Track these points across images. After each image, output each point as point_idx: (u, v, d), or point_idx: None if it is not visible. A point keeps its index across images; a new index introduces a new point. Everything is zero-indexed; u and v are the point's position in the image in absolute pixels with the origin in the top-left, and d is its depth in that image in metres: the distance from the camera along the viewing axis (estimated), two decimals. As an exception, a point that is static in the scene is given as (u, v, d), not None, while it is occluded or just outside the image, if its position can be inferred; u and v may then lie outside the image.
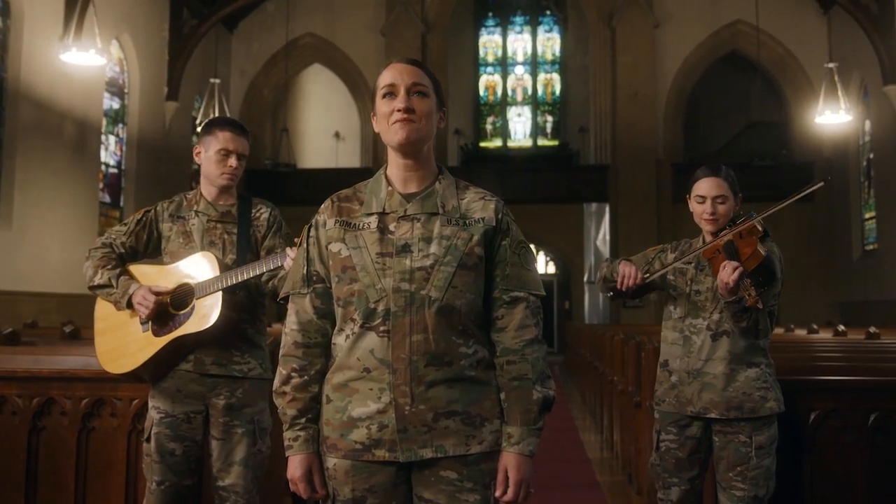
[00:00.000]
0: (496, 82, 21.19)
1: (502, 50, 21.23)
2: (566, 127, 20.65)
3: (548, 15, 21.13)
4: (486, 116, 21.15)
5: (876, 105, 14.93)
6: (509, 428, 1.80)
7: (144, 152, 14.20)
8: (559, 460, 6.26)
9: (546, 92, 21.06)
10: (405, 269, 1.78)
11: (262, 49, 17.92)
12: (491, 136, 21.03)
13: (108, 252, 2.97)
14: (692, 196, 2.82)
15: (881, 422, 2.98)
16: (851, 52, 15.10)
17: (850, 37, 15.13)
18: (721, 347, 2.70)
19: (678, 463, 2.76)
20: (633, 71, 17.22)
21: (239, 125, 3.01)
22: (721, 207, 2.75)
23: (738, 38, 17.58)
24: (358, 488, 1.80)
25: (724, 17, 17.31)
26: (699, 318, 2.76)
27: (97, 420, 3.31)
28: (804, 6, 17.21)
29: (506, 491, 1.79)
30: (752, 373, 2.69)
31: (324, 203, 1.93)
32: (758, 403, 2.66)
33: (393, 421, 1.76)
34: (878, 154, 15.59)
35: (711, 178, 2.77)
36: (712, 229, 2.77)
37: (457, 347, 1.79)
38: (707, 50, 17.65)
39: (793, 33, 17.21)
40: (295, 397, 1.85)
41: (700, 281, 2.79)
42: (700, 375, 2.71)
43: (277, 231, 3.02)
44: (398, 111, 1.82)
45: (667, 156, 17.45)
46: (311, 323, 1.88)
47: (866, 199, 16.39)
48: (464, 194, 1.90)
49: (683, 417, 2.76)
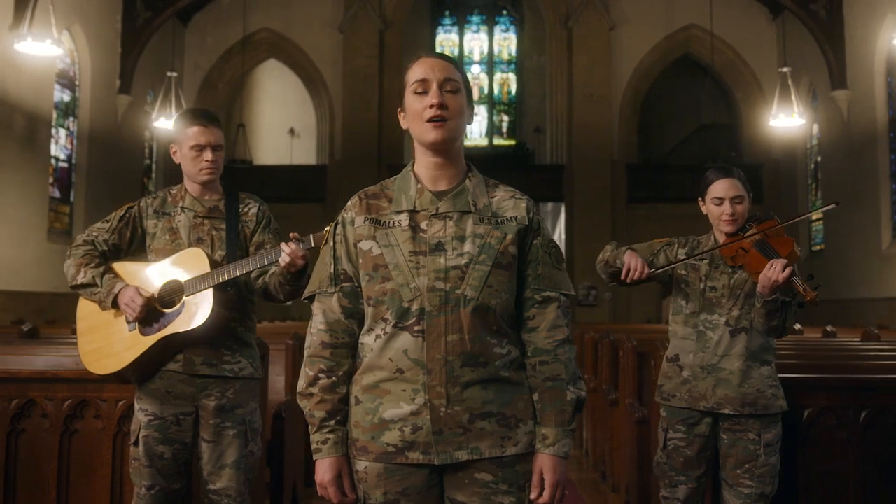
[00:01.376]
0: (453, 81, 21.18)
1: (459, 49, 21.23)
2: (522, 127, 20.75)
3: (504, 15, 21.20)
4: (443, 115, 21.13)
5: (824, 109, 15.33)
6: (544, 429, 1.78)
7: (96, 146, 13.84)
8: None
9: (502, 91, 21.13)
10: (440, 268, 1.75)
11: (216, 43, 17.62)
12: (447, 135, 21.01)
13: (90, 250, 2.87)
14: (707, 199, 2.84)
15: (871, 419, 3.05)
16: (800, 57, 15.47)
17: (800, 42, 15.50)
18: (739, 344, 2.73)
19: (686, 461, 2.78)
20: (590, 72, 17.38)
21: (207, 115, 2.91)
22: (739, 207, 2.78)
23: (692, 42, 17.87)
24: (390, 492, 1.76)
25: (678, 21, 17.58)
26: (715, 313, 2.78)
27: (80, 422, 3.21)
28: (755, 12, 17.58)
29: (541, 493, 1.77)
30: (766, 370, 2.73)
31: (350, 200, 1.89)
32: (770, 401, 2.70)
33: (428, 423, 1.72)
34: (825, 157, 16.02)
35: (727, 179, 2.80)
36: (732, 230, 2.79)
37: (491, 348, 1.76)
38: (661, 53, 17.91)
39: (743, 38, 17.56)
40: (323, 399, 1.80)
41: (715, 277, 2.81)
42: (715, 371, 2.73)
43: (267, 226, 2.95)
44: (431, 107, 1.78)
45: (622, 156, 17.65)
46: (338, 323, 1.83)
47: (813, 200, 16.82)
48: (494, 192, 1.87)
49: (692, 415, 2.77)
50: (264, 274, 2.85)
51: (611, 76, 17.49)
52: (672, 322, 2.90)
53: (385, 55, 17.62)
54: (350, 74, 17.46)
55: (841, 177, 14.80)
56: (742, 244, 2.74)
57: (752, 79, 17.78)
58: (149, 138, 16.26)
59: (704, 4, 16.38)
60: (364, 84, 17.37)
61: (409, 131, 1.90)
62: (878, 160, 13.58)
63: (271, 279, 2.82)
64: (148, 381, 2.77)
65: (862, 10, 13.99)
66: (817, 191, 16.64)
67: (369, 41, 17.43)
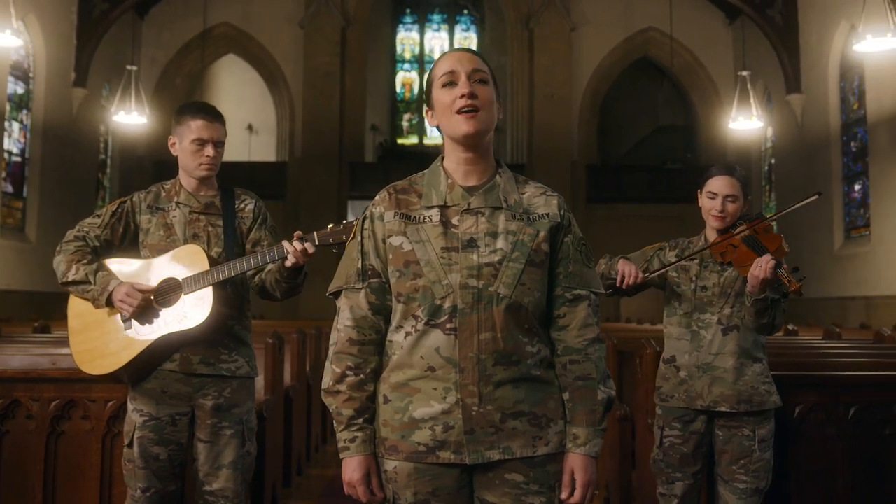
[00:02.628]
0: (413, 79, 21.17)
1: (419, 47, 21.22)
2: (482, 126, 20.81)
3: (465, 14, 21.25)
4: (403, 113, 21.11)
5: (778, 112, 15.68)
6: (575, 429, 1.76)
7: (50, 140, 13.48)
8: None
9: (463, 91, 21.17)
10: (472, 265, 1.73)
11: (174, 37, 17.32)
12: (407, 133, 20.99)
13: (81, 246, 2.79)
14: (703, 191, 2.88)
15: (860, 415, 3.12)
16: (756, 61, 15.79)
17: (755, 47, 15.83)
18: (731, 342, 2.77)
19: (683, 458, 2.82)
20: (550, 73, 17.51)
21: (212, 110, 2.85)
22: (731, 206, 2.82)
23: (650, 45, 18.14)
24: (421, 492, 1.73)
25: (638, 24, 17.82)
26: (707, 313, 2.82)
27: (67, 423, 3.13)
28: (712, 16, 17.90)
29: (572, 493, 1.75)
30: (758, 367, 2.79)
31: (378, 195, 1.86)
32: (764, 397, 2.76)
33: (459, 422, 1.70)
34: (779, 159, 16.39)
35: (725, 176, 2.84)
36: (719, 226, 2.84)
37: (523, 346, 1.74)
38: (621, 55, 18.13)
39: (700, 41, 17.87)
40: (351, 396, 1.77)
41: (705, 277, 2.86)
42: (710, 369, 2.77)
43: (263, 223, 2.90)
44: (462, 97, 1.75)
45: (581, 157, 17.83)
46: (365, 319, 1.80)
47: (767, 202, 17.20)
48: (524, 188, 1.85)
49: (687, 413, 2.81)
50: (260, 271, 2.81)
51: (571, 77, 17.65)
52: (667, 324, 2.94)
53: (347, 52, 17.51)
54: (311, 71, 17.33)
55: (794, 179, 15.16)
56: (732, 241, 2.79)
57: (708, 81, 18.11)
58: (104, 133, 15.90)
59: (663, 8, 16.64)
60: (325, 81, 17.25)
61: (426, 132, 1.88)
62: (831, 163, 13.93)
63: (268, 276, 2.78)
64: (143, 381, 2.71)
65: (817, 16, 14.33)
66: (771, 192, 17.03)
67: (331, 38, 17.32)
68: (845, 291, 13.05)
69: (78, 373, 3.13)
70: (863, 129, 13.31)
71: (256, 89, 18.71)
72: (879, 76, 12.31)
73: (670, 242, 3.04)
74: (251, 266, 2.69)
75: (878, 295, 12.20)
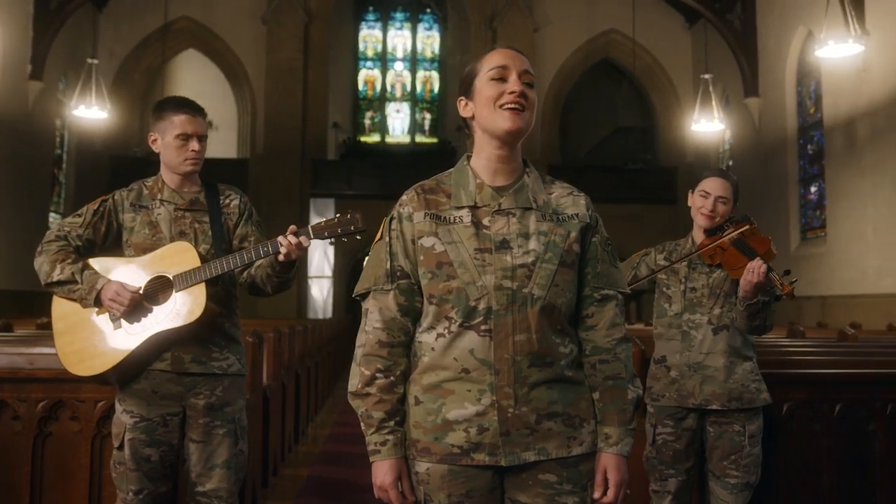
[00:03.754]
0: (375, 77, 21.07)
1: (382, 45, 21.12)
2: (444, 125, 20.82)
3: (428, 13, 21.21)
4: (365, 111, 20.98)
5: (736, 115, 15.96)
6: (606, 428, 1.77)
7: (4, 134, 13.11)
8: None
9: (425, 89, 21.13)
10: (506, 266, 1.72)
11: (132, 31, 16.99)
12: (369, 131, 20.88)
13: (64, 245, 2.72)
14: (696, 190, 2.94)
15: (845, 412, 3.21)
16: (715, 64, 16.06)
17: (714, 50, 16.10)
18: (721, 341, 2.83)
19: (676, 455, 2.87)
20: (513, 73, 17.57)
21: (194, 104, 2.82)
22: (721, 207, 2.89)
23: (611, 46, 18.34)
24: (454, 493, 1.72)
25: (600, 26, 18.01)
26: (697, 313, 2.87)
27: (55, 424, 3.06)
28: (672, 19, 18.17)
29: (604, 492, 1.76)
30: (748, 366, 2.85)
31: (405, 195, 1.84)
32: (754, 395, 2.82)
33: (495, 423, 1.70)
34: (736, 161, 16.69)
35: (720, 178, 2.91)
36: (707, 225, 2.90)
37: (556, 347, 1.75)
38: (583, 56, 18.30)
39: (660, 44, 18.13)
40: (382, 399, 1.76)
41: (694, 278, 2.91)
42: (701, 368, 2.82)
43: (249, 218, 2.87)
44: (511, 93, 1.75)
45: (543, 156, 17.92)
46: (394, 321, 1.79)
47: (725, 203, 17.52)
48: (551, 188, 1.85)
49: (679, 410, 2.86)
50: (249, 267, 2.78)
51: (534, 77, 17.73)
52: (657, 325, 2.98)
53: (310, 49, 17.38)
54: (273, 67, 17.16)
55: (751, 180, 15.44)
56: (721, 243, 2.85)
57: (668, 84, 18.37)
58: (60, 127, 15.53)
59: (625, 10, 16.84)
60: (288, 77, 17.09)
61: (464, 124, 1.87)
62: (788, 165, 14.25)
63: (258, 272, 2.76)
64: (132, 382, 2.65)
65: (775, 21, 14.64)
66: (729, 193, 17.33)
67: (294, 34, 17.17)
68: (801, 291, 13.30)
69: (66, 373, 3.06)
70: (819, 133, 13.64)
71: (217, 85, 18.43)
72: (836, 81, 12.63)
73: (657, 247, 3.09)
74: (244, 261, 2.66)
75: (833, 294, 12.51)
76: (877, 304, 10.40)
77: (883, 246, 11.22)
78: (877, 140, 11.65)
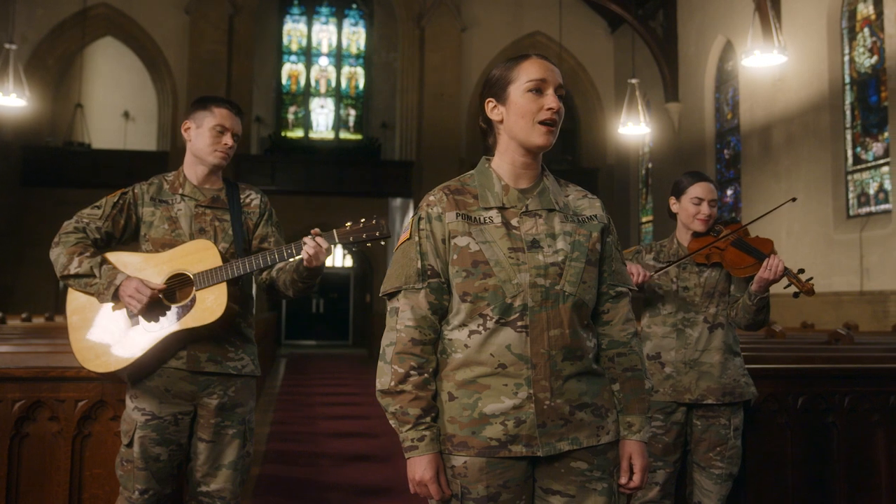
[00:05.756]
0: (299, 72, 20.80)
1: (307, 39, 20.88)
2: (369, 122, 20.75)
3: (354, 8, 21.08)
4: (289, 106, 20.69)
5: (656, 119, 16.48)
6: (629, 417, 1.86)
7: None
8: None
9: (350, 85, 20.99)
10: (539, 265, 1.79)
11: (46, 15, 16.30)
12: (293, 127, 20.61)
13: (82, 238, 2.65)
14: (684, 199, 3.03)
15: (807, 405, 3.39)
16: (636, 69, 16.54)
17: (636, 55, 16.59)
18: (716, 338, 2.95)
19: (665, 447, 2.97)
20: (441, 72, 17.69)
21: (236, 104, 2.83)
22: (714, 210, 3.01)
23: (536, 49, 18.59)
24: (492, 485, 1.77)
25: (526, 28, 18.30)
26: (692, 312, 2.98)
27: (32, 425, 2.94)
28: (595, 23, 18.63)
29: (630, 477, 1.85)
30: (738, 361, 2.98)
31: (432, 196, 1.87)
32: (743, 388, 2.95)
33: (531, 416, 1.76)
34: (655, 164, 17.25)
35: (706, 182, 3.02)
36: (703, 229, 3.01)
37: (584, 341, 1.83)
38: (509, 57, 18.49)
39: (583, 48, 18.57)
40: (418, 396, 1.79)
41: (685, 278, 3.02)
42: (697, 365, 2.94)
43: (269, 219, 2.85)
44: (549, 110, 1.80)
45: (469, 155, 18.09)
46: (425, 319, 1.82)
47: (644, 204, 18.09)
48: (567, 191, 1.93)
49: (670, 405, 2.97)
50: (270, 269, 2.75)
51: (461, 77, 17.91)
52: (650, 323, 3.07)
53: (234, 41, 17.04)
54: (196, 59, 16.76)
55: (670, 183, 15.91)
56: (717, 244, 2.97)
57: (590, 87, 18.82)
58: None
59: (550, 13, 17.18)
60: (211, 69, 16.73)
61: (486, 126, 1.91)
62: (706, 168, 14.79)
63: (280, 275, 2.72)
64: (146, 379, 2.59)
65: (695, 28, 15.19)
66: (647, 195, 17.91)
67: (218, 25, 16.81)
68: (718, 290, 13.89)
69: (45, 371, 2.98)
70: (736, 138, 14.23)
71: (135, 74, 17.90)
72: (752, 89, 13.21)
73: (645, 246, 3.19)
74: (267, 263, 2.62)
75: (749, 293, 13.07)
76: (790, 304, 10.92)
77: (795, 248, 11.80)
78: (791, 146, 12.24)
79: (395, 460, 5.81)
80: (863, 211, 11.12)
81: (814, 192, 11.63)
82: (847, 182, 11.38)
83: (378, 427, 7.49)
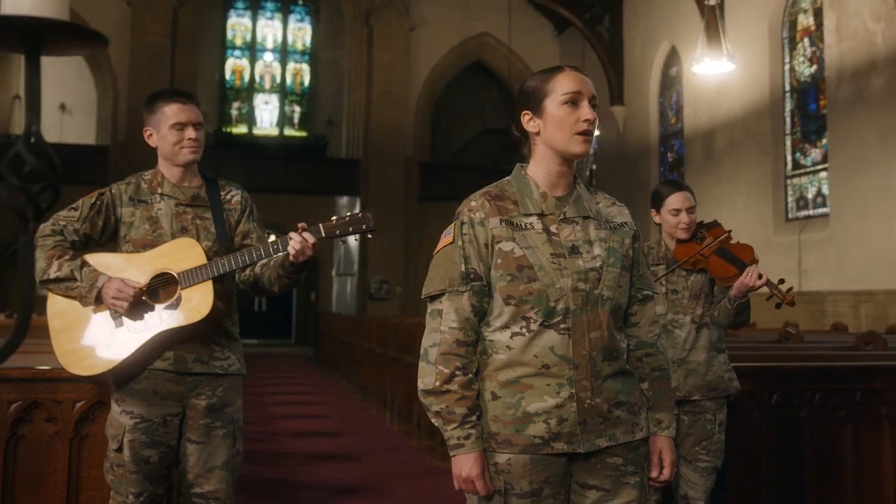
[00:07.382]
0: (244, 67, 20.52)
1: (251, 34, 20.61)
2: (314, 119, 20.61)
3: (300, 4, 20.89)
4: (232, 101, 20.41)
5: (602, 122, 16.78)
6: (658, 414, 1.97)
7: None
8: (393, 450, 6.40)
9: (295, 82, 20.81)
10: (580, 270, 1.87)
11: (-21, 3, 15.73)
12: (236, 122, 20.33)
13: (60, 240, 2.58)
14: (663, 210, 3.14)
15: (781, 401, 3.57)
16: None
17: (581, 58, 16.89)
18: (703, 338, 3.08)
19: None
20: (389, 71, 17.70)
21: (184, 92, 2.76)
22: (693, 217, 3.13)
23: (484, 50, 18.83)
24: (535, 481, 1.85)
25: (473, 29, 18.45)
26: (680, 313, 3.11)
27: (28, 426, 2.89)
28: (541, 26, 18.88)
29: (661, 471, 1.96)
30: (722, 357, 3.12)
31: (474, 201, 1.93)
32: (728, 384, 3.09)
33: (573, 414, 1.84)
34: (600, 166, 17.60)
35: (683, 192, 3.13)
36: (686, 237, 3.14)
37: (619, 342, 1.92)
38: (456, 57, 18.68)
39: (529, 50, 18.80)
40: (464, 395, 1.85)
41: (674, 281, 3.14)
42: (685, 363, 3.06)
43: (251, 215, 2.82)
44: (585, 121, 1.88)
45: (415, 154, 18.19)
46: (468, 321, 1.88)
47: (587, 205, 18.39)
48: (596, 199, 2.01)
49: None
50: (253, 266, 2.75)
51: (408, 76, 17.95)
52: None
53: (178, 34, 16.73)
54: (138, 51, 16.41)
55: (615, 184, 16.33)
56: (702, 252, 3.10)
57: (536, 89, 19.03)
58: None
59: (498, 15, 17.36)
60: (154, 62, 16.40)
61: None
62: (650, 170, 15.19)
63: (265, 271, 2.71)
64: (132, 381, 2.57)
65: (640, 34, 15.55)
66: (591, 196, 18.23)
67: (161, 18, 16.48)
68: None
69: (42, 373, 2.93)
70: (679, 142, 14.63)
71: (72, 66, 17.38)
72: (696, 93, 13.60)
73: None
74: (252, 259, 2.61)
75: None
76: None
77: (738, 248, 12.19)
78: (733, 150, 12.65)
79: (365, 459, 5.84)
80: (801, 214, 11.57)
81: (754, 196, 12.04)
82: (787, 186, 11.83)
83: (339, 426, 7.49)
